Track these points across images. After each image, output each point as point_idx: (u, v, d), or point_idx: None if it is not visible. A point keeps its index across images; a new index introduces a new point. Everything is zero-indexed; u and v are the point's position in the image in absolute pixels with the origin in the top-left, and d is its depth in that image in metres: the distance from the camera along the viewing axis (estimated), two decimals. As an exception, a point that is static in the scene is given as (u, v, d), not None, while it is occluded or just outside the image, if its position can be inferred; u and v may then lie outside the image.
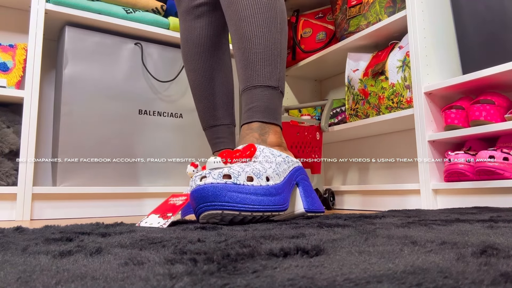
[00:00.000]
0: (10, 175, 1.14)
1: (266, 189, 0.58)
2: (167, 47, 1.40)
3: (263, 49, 0.73)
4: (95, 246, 0.36)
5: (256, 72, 0.73)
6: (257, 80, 0.72)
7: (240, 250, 0.31)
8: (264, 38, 0.73)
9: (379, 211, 1.09)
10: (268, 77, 0.72)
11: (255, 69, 0.73)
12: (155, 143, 1.33)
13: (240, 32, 0.74)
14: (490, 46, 1.10)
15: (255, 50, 0.73)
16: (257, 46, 0.73)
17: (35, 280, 0.23)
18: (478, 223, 0.54)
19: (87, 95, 1.23)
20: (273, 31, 0.74)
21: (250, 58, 0.73)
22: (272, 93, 0.73)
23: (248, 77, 0.73)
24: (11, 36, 1.36)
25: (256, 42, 0.73)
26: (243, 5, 0.74)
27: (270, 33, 0.73)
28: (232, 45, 0.78)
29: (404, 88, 1.24)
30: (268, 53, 0.73)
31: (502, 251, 0.30)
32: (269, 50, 0.73)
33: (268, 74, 0.72)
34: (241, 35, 0.74)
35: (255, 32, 0.73)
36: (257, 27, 0.73)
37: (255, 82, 0.72)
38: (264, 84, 0.72)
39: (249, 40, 0.73)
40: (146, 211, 1.26)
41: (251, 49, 0.73)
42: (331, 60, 1.63)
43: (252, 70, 0.73)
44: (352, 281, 0.21)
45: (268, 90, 0.72)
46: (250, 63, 0.73)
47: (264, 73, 0.72)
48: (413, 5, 1.19)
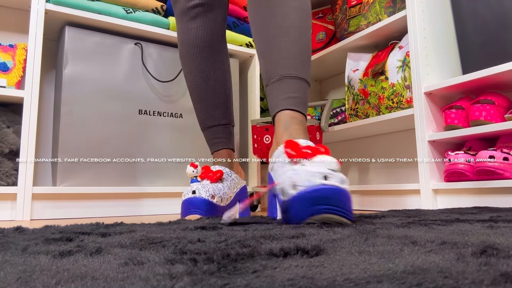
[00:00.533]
0: (10, 175, 1.14)
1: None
2: (167, 47, 1.40)
3: (306, 45, 0.76)
4: (95, 246, 0.36)
5: (302, 64, 0.74)
6: (302, 72, 0.74)
7: (240, 250, 0.31)
8: (308, 34, 0.77)
9: (379, 211, 1.09)
10: (307, 73, 0.75)
11: (299, 61, 0.74)
12: (155, 143, 1.33)
13: (286, 24, 0.75)
14: (490, 46, 1.10)
15: (302, 44, 0.75)
16: (304, 40, 0.76)
17: (35, 280, 0.23)
18: (478, 223, 0.54)
19: (87, 95, 1.23)
20: (309, 31, 0.78)
21: (296, 50, 0.74)
22: (308, 88, 0.75)
23: (292, 66, 0.73)
24: (11, 36, 1.36)
25: (303, 38, 0.76)
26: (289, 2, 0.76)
27: (308, 31, 0.78)
28: (265, 33, 0.76)
29: (404, 88, 1.24)
30: (308, 51, 0.77)
31: (502, 251, 0.30)
32: (309, 48, 0.77)
33: (308, 71, 0.75)
34: (287, 27, 0.74)
35: (301, 27, 0.76)
36: (299, 21, 0.76)
37: (301, 74, 0.73)
38: (305, 78, 0.74)
39: (296, 33, 0.74)
40: (146, 211, 1.27)
41: (298, 41, 0.74)
42: (331, 60, 1.63)
43: (297, 60, 0.74)
44: (352, 281, 0.21)
45: (306, 85, 0.75)
46: (297, 54, 0.74)
47: (306, 69, 0.75)
48: (413, 5, 1.19)
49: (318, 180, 0.52)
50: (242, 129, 1.61)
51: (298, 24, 0.74)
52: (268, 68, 0.75)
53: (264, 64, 0.77)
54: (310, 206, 0.52)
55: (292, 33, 0.74)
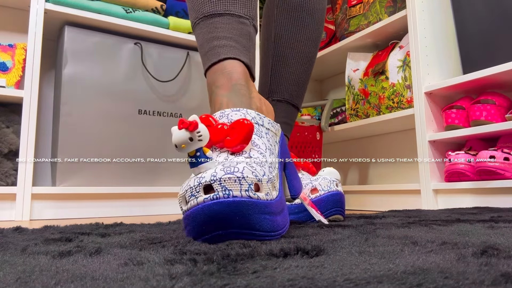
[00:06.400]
0: (10, 175, 1.14)
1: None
2: (167, 47, 1.40)
3: (309, 75, 0.81)
4: (95, 246, 0.36)
5: (302, 94, 0.80)
6: (300, 102, 0.80)
7: (240, 251, 0.31)
8: (311, 66, 0.81)
9: (379, 211, 1.09)
10: (302, 101, 0.82)
11: (302, 92, 0.80)
12: (155, 143, 1.33)
13: (304, 53, 0.79)
14: (490, 46, 1.10)
15: (307, 75, 0.81)
16: (310, 71, 0.81)
17: (34, 280, 0.23)
18: (479, 223, 0.54)
19: (86, 95, 1.23)
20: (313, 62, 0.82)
21: (302, 80, 0.79)
22: (297, 114, 0.81)
23: (296, 95, 0.78)
24: (11, 36, 1.36)
25: (310, 69, 0.81)
26: (311, 32, 0.79)
27: (314, 62, 0.83)
28: (281, 52, 0.80)
29: (405, 88, 1.24)
30: (308, 80, 0.81)
31: (503, 252, 0.29)
32: (309, 77, 0.82)
33: (302, 99, 0.81)
34: (304, 56, 0.79)
35: (310, 58, 0.80)
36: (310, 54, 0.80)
37: (299, 104, 0.80)
38: (300, 108, 0.81)
39: (308, 64, 0.80)
40: (146, 211, 1.26)
41: (306, 72, 0.80)
42: (331, 60, 1.63)
43: (301, 91, 0.79)
44: (352, 281, 0.21)
45: (297, 111, 0.81)
46: (301, 85, 0.79)
47: (303, 98, 0.81)
48: (413, 5, 1.19)
49: (334, 186, 0.65)
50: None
51: (312, 55, 0.80)
52: (273, 83, 0.79)
53: (269, 76, 0.80)
54: (332, 206, 0.65)
55: (305, 62, 0.80)
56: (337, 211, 0.65)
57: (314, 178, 0.67)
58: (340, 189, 0.67)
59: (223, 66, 0.50)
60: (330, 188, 0.65)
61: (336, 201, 0.64)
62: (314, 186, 0.65)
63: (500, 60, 1.06)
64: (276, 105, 0.79)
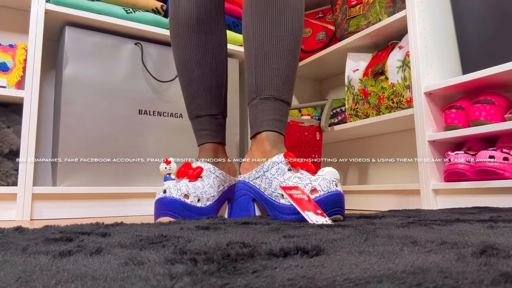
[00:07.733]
0: (10, 175, 1.14)
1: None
2: (167, 47, 1.40)
3: (295, 69, 0.82)
4: (95, 246, 0.36)
5: (290, 89, 0.81)
6: (289, 97, 0.81)
7: (240, 250, 0.31)
8: (296, 59, 0.82)
9: (379, 211, 1.09)
10: (292, 96, 0.84)
11: (289, 86, 0.80)
12: (155, 143, 1.33)
13: (278, 48, 0.79)
14: (490, 46, 1.10)
15: (293, 69, 0.81)
16: (295, 64, 0.82)
17: (35, 280, 0.23)
18: (478, 223, 0.54)
19: (87, 95, 1.23)
20: (298, 54, 0.83)
21: (288, 74, 0.80)
22: (288, 109, 0.83)
23: (283, 90, 0.80)
24: (11, 36, 1.36)
25: (295, 62, 0.81)
26: (282, 27, 0.79)
27: (298, 55, 0.84)
28: (261, 48, 0.79)
29: (404, 88, 1.24)
30: (295, 75, 0.82)
31: (502, 251, 0.30)
32: (296, 72, 0.83)
33: (292, 93, 0.83)
34: (279, 52, 0.79)
35: (293, 53, 0.80)
36: (293, 47, 0.81)
37: (289, 99, 0.81)
38: (290, 102, 0.82)
39: (286, 58, 0.80)
40: (146, 211, 1.27)
41: (291, 66, 0.80)
42: (331, 60, 1.63)
43: (287, 86, 0.80)
44: (352, 281, 0.21)
45: (289, 107, 0.82)
46: (288, 79, 0.80)
47: (292, 93, 0.83)
48: (413, 5, 1.19)
49: (333, 187, 0.66)
50: (242, 129, 1.61)
51: (293, 49, 0.80)
52: (259, 82, 0.79)
53: (254, 75, 0.80)
54: (332, 207, 0.66)
55: (288, 56, 0.79)
56: (337, 211, 0.65)
57: (313, 179, 0.67)
58: (340, 189, 0.67)
59: (204, 147, 0.89)
60: (329, 188, 0.65)
61: (336, 201, 0.65)
62: (314, 187, 0.65)
63: (500, 60, 1.06)
64: (264, 103, 0.78)
